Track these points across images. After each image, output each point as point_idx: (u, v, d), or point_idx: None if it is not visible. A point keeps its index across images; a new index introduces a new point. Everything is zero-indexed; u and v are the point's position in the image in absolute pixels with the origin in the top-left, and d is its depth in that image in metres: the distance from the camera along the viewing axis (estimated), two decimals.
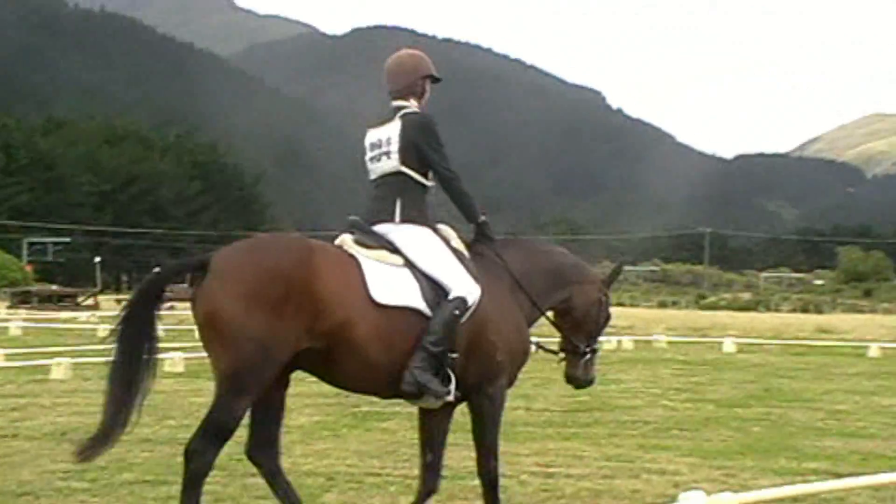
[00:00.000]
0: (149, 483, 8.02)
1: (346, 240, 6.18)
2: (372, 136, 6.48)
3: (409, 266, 6.07)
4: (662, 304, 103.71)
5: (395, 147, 6.30)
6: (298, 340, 5.63)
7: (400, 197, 6.29)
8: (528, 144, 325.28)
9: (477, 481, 6.60)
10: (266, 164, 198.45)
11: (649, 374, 20.36)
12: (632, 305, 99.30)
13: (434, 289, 6.02)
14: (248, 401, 5.63)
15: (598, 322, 6.88)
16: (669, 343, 32.48)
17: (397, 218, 6.25)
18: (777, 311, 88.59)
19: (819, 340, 36.61)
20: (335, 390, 15.89)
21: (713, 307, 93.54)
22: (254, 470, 6.28)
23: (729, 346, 30.29)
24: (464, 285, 6.05)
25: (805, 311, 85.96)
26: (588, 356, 6.91)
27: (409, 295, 5.94)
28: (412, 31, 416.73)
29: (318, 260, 5.75)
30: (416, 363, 5.87)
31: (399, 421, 12.07)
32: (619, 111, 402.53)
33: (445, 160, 6.35)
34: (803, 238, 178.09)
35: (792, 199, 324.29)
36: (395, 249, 6.14)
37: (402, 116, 6.36)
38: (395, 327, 5.86)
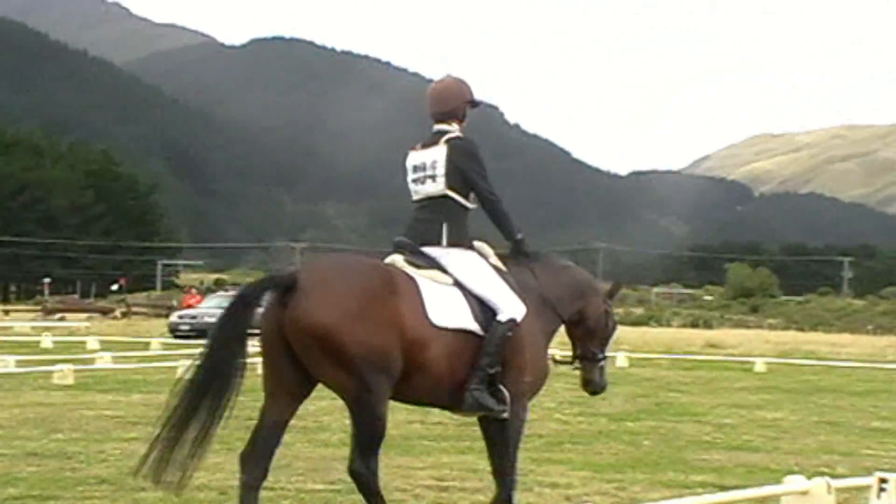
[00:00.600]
0: (35, 498, 7.87)
1: (397, 260, 6.41)
2: (415, 158, 6.77)
3: (459, 286, 6.32)
4: None
5: (440, 171, 6.56)
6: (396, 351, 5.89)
7: (446, 220, 6.55)
8: None
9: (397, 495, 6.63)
10: (162, 174, 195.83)
11: (544, 388, 20.49)
12: None
13: (483, 310, 6.29)
14: (384, 405, 5.92)
15: (607, 330, 7.27)
16: (563, 357, 32.79)
17: (444, 241, 6.51)
18: (668, 325, 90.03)
19: (708, 355, 37.36)
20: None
21: None
22: (143, 484, 6.22)
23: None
24: (512, 306, 6.34)
25: (695, 325, 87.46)
26: (602, 362, 7.30)
27: (463, 317, 6.21)
28: (311, 43, 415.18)
29: (397, 281, 6.05)
30: (474, 385, 6.19)
31: (294, 434, 12.01)
32: (517, 126, 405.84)
33: (489, 184, 6.64)
34: (694, 254, 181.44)
35: (683, 216, 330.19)
36: (444, 271, 6.38)
37: (447, 141, 6.61)
38: (455, 347, 6.14)
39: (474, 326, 6.23)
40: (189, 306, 48.87)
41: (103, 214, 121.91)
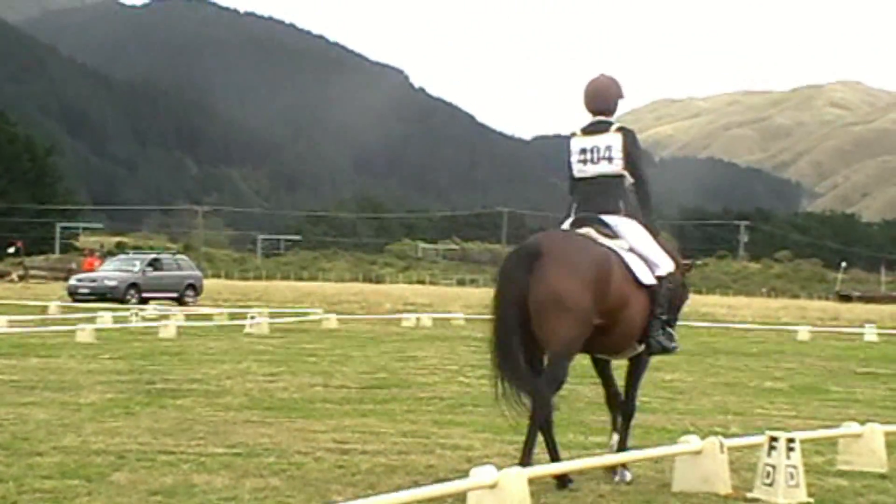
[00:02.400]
0: None
1: (591, 232, 7.58)
2: (584, 142, 7.89)
3: (632, 250, 7.57)
4: (461, 282, 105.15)
5: (617, 154, 7.72)
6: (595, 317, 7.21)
7: (622, 196, 7.78)
8: (330, 121, 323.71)
9: (271, 458, 6.75)
10: (59, 135, 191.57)
11: (447, 350, 20.65)
12: (431, 283, 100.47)
13: (650, 267, 7.59)
14: (572, 360, 7.40)
15: (682, 299, 8.23)
16: (467, 320, 33.00)
17: (621, 212, 7.72)
18: None
19: None
20: (129, 367, 15.50)
21: None
22: (39, 449, 6.16)
23: None
24: (666, 263, 7.72)
25: None
26: (673, 327, 8.00)
27: (648, 275, 7.53)
28: (214, 4, 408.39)
29: (609, 254, 7.35)
30: (656, 332, 7.61)
31: (195, 398, 11.94)
32: (422, 90, 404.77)
33: (645, 168, 7.91)
34: None
35: None
36: (621, 238, 7.62)
37: (619, 130, 7.79)
38: (642, 301, 7.49)
39: (651, 280, 7.53)
40: (89, 269, 48.09)
41: None
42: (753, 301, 67.71)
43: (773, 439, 7.16)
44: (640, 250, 7.61)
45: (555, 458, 7.35)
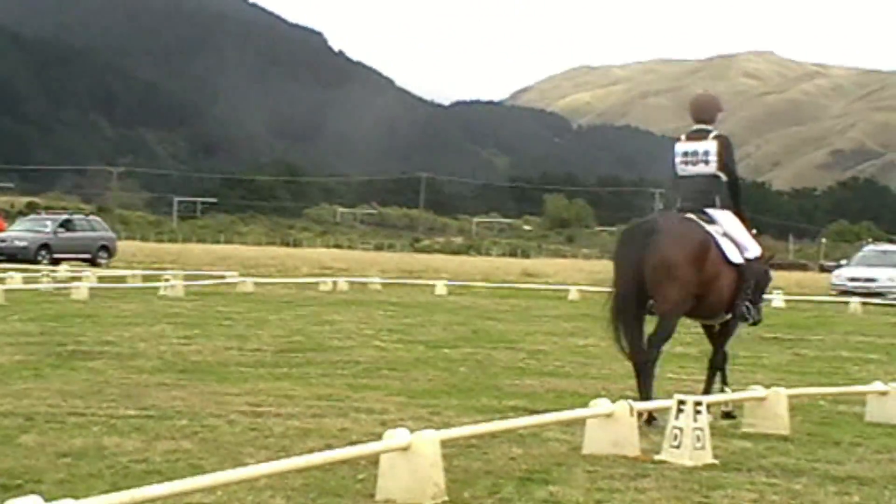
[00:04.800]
0: None
1: (694, 218, 9.05)
2: (686, 146, 9.38)
3: (726, 235, 9.07)
4: (378, 247, 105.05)
5: (713, 158, 9.22)
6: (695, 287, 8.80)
7: (718, 192, 9.28)
8: (247, 84, 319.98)
9: (183, 421, 7.13)
10: None
11: (363, 315, 20.66)
12: (349, 248, 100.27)
13: (740, 249, 9.09)
14: (678, 321, 9.01)
15: (767, 281, 9.71)
16: (384, 285, 33.03)
17: (717, 205, 9.24)
18: (487, 255, 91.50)
19: (524, 284, 38.17)
20: (40, 329, 15.28)
21: (427, 250, 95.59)
22: None
23: (441, 288, 31.11)
24: (755, 247, 9.28)
25: (513, 255, 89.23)
26: (758, 304, 9.48)
27: (736, 255, 9.04)
28: None
29: (707, 235, 8.90)
30: (740, 302, 9.12)
31: (107, 361, 11.83)
32: (341, 54, 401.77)
33: (736, 168, 9.49)
34: (514, 185, 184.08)
35: (504, 147, 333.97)
36: (717, 224, 9.12)
37: (716, 137, 9.29)
38: (731, 275, 9.00)
39: (740, 260, 9.02)
40: None
41: None
42: None
43: (681, 403, 7.30)
44: (733, 235, 9.14)
45: (646, 397, 8.57)
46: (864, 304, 28.01)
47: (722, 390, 9.32)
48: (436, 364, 12.93)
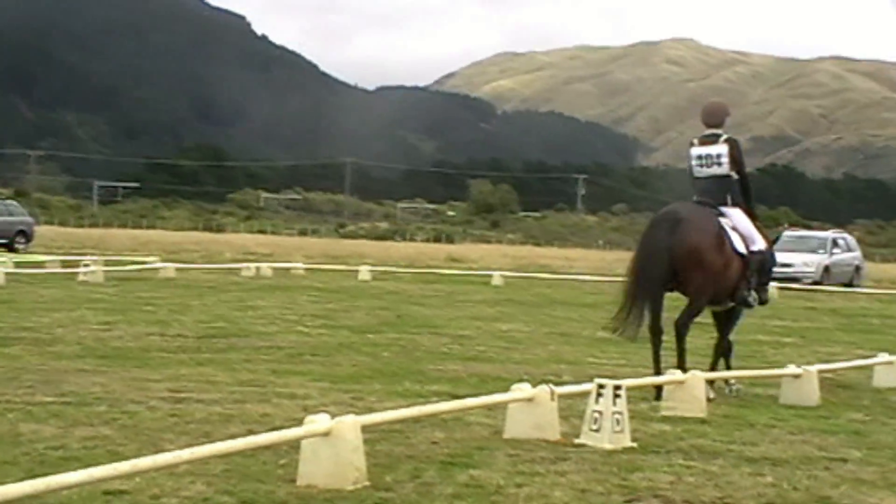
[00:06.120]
0: None
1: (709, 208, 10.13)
2: (700, 150, 10.36)
3: (735, 228, 10.05)
4: (303, 232, 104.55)
5: (725, 160, 10.22)
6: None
7: (730, 191, 10.27)
8: (171, 67, 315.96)
9: (103, 407, 7.65)
10: None
11: (287, 300, 20.58)
12: (273, 233, 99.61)
13: (746, 242, 10.09)
14: (707, 300, 10.06)
15: (772, 265, 10.71)
16: (308, 270, 32.92)
17: (730, 203, 10.24)
18: (412, 240, 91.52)
19: (449, 269, 38.27)
20: None
21: (352, 236, 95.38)
22: None
23: (365, 273, 31.07)
24: (760, 241, 10.31)
25: (438, 240, 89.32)
26: (765, 288, 10.69)
27: (742, 246, 10.02)
28: None
29: (721, 226, 9.96)
30: (744, 288, 10.15)
31: (24, 346, 11.67)
32: (265, 38, 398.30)
33: (745, 168, 10.48)
34: (439, 170, 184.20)
35: (429, 132, 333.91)
36: (727, 218, 10.10)
37: (726, 140, 10.27)
38: (738, 264, 10.00)
39: (744, 252, 10.02)
40: None
41: None
42: (590, 253, 69.20)
43: (601, 387, 7.39)
44: (741, 229, 10.13)
45: (659, 372, 9.60)
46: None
47: (727, 381, 10.20)
48: (359, 349, 12.93)
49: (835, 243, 37.91)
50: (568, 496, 5.86)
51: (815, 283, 34.36)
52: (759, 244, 10.25)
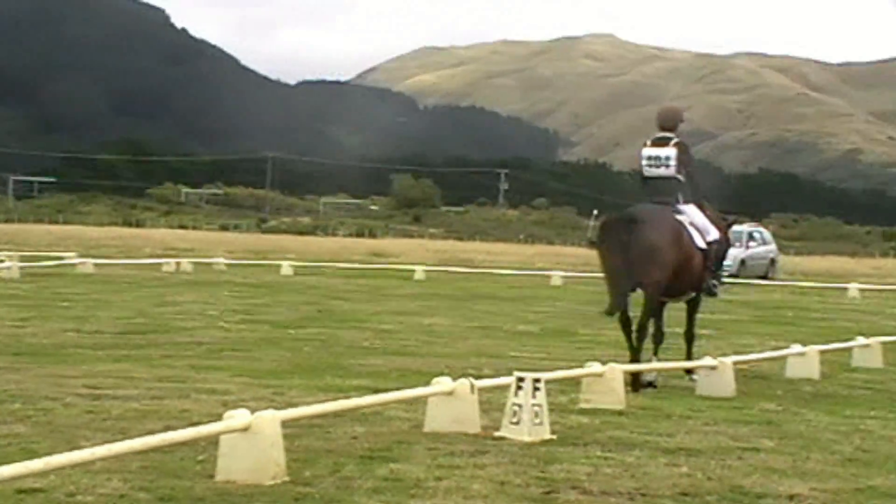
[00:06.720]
0: None
1: (667, 208, 10.65)
2: (651, 152, 10.86)
3: (692, 224, 10.62)
4: (224, 228, 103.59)
5: (673, 162, 10.77)
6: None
7: (679, 190, 10.81)
8: (88, 61, 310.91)
9: (17, 405, 7.64)
10: None
11: (207, 296, 20.43)
12: (194, 228, 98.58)
13: (702, 235, 10.68)
14: (660, 296, 10.49)
15: (726, 251, 11.54)
16: (229, 266, 32.68)
17: (680, 201, 10.76)
18: (335, 235, 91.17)
19: (372, 264, 38.24)
20: None
21: (274, 231, 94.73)
22: None
23: (287, 269, 30.93)
24: (714, 232, 10.89)
25: (361, 235, 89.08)
26: (719, 274, 11.44)
27: (701, 241, 10.64)
28: None
29: (680, 223, 10.51)
30: (709, 280, 10.89)
31: None
32: (184, 31, 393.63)
33: (695, 169, 11.23)
34: (361, 165, 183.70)
35: (352, 127, 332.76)
36: (683, 213, 10.67)
37: (676, 144, 10.83)
38: (699, 258, 10.61)
39: (704, 245, 10.65)
40: None
41: None
42: (511, 247, 69.47)
43: (520, 380, 7.45)
44: (697, 224, 10.71)
45: (634, 360, 10.22)
46: None
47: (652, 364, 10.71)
48: (280, 344, 12.89)
49: (750, 237, 38.57)
50: (487, 489, 5.91)
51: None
52: (714, 234, 10.85)
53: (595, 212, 14.78)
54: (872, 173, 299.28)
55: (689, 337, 11.28)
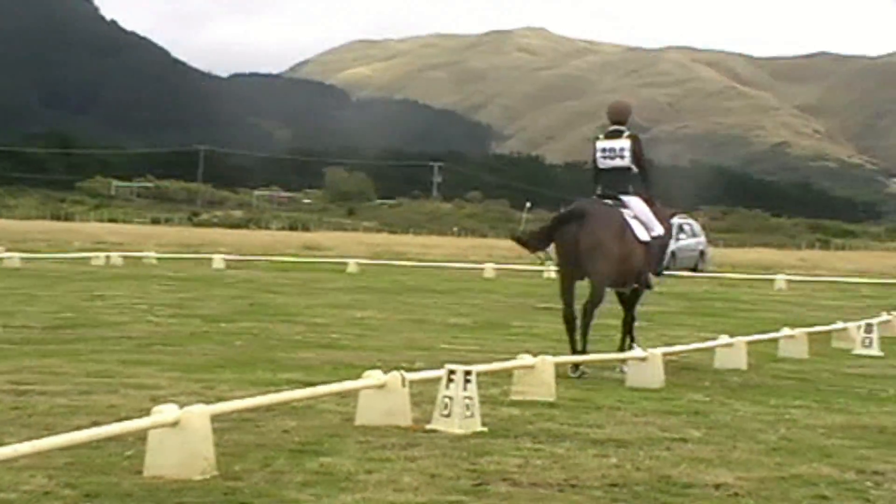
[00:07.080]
0: None
1: (611, 203, 11.10)
2: (605, 144, 11.31)
3: (635, 217, 11.01)
4: (155, 221, 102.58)
5: (627, 154, 11.22)
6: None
7: (630, 181, 11.30)
8: (14, 53, 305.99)
9: None
10: None
11: (138, 290, 20.24)
12: (124, 221, 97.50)
13: (646, 228, 11.07)
14: (608, 285, 10.95)
15: (667, 246, 12.10)
16: (160, 259, 32.40)
17: (631, 192, 11.22)
18: (268, 228, 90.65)
19: (305, 257, 38.11)
20: None
21: (206, 224, 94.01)
22: None
23: (219, 262, 30.73)
24: (658, 226, 11.26)
25: (294, 228, 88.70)
26: (660, 268, 11.95)
27: (644, 234, 11.00)
28: None
29: (624, 218, 10.93)
30: (648, 273, 11.21)
31: None
32: (114, 23, 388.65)
33: (647, 161, 11.61)
34: (294, 158, 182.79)
35: (284, 120, 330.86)
36: (627, 207, 11.09)
37: (629, 136, 11.28)
38: (641, 251, 10.96)
39: (647, 238, 11.03)
40: None
41: None
42: (445, 240, 69.61)
43: (451, 372, 7.47)
44: (641, 217, 11.10)
45: (574, 351, 10.66)
46: None
47: (630, 347, 11.14)
48: (211, 338, 12.81)
49: (680, 229, 38.96)
50: (417, 481, 5.92)
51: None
52: (658, 230, 11.24)
53: (528, 204, 14.90)
54: (800, 166, 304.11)
55: (627, 327, 11.56)
